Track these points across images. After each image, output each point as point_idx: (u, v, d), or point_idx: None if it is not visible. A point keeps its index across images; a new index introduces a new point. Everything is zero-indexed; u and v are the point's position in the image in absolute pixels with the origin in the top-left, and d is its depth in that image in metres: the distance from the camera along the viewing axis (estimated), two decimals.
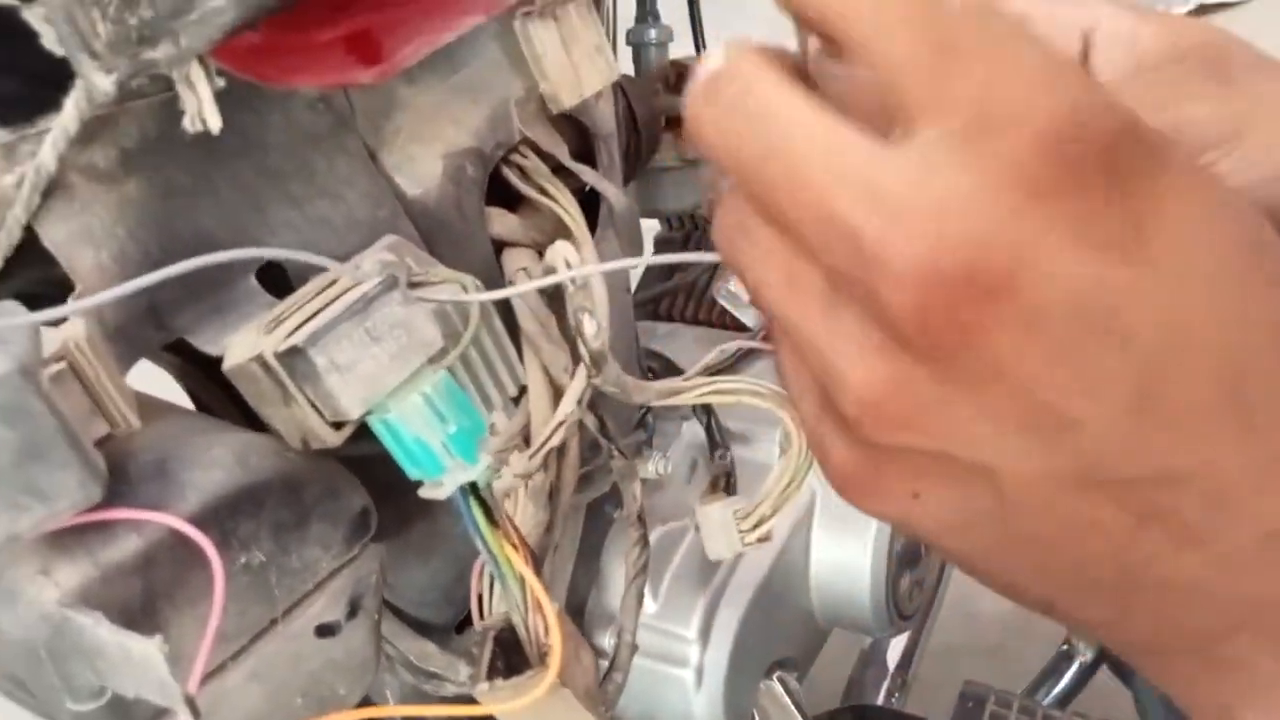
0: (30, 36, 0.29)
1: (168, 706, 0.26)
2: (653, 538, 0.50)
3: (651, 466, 0.57)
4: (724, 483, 0.53)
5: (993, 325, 0.19)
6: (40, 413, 0.24)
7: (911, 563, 0.65)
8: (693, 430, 0.62)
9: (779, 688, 0.59)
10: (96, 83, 0.27)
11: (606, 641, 0.56)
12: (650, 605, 0.55)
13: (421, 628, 0.45)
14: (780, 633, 0.59)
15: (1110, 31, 0.27)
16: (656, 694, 0.55)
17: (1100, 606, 0.23)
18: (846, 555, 0.59)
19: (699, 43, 0.64)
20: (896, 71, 0.19)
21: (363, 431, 0.32)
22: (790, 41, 0.24)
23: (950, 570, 0.81)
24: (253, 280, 0.34)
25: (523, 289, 0.36)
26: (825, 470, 0.24)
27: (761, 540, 0.44)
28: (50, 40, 0.29)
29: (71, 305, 0.27)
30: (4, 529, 0.25)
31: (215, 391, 0.40)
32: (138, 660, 0.25)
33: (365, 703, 0.39)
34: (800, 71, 0.23)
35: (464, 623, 0.47)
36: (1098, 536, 0.21)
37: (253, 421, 0.34)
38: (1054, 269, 0.19)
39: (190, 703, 0.25)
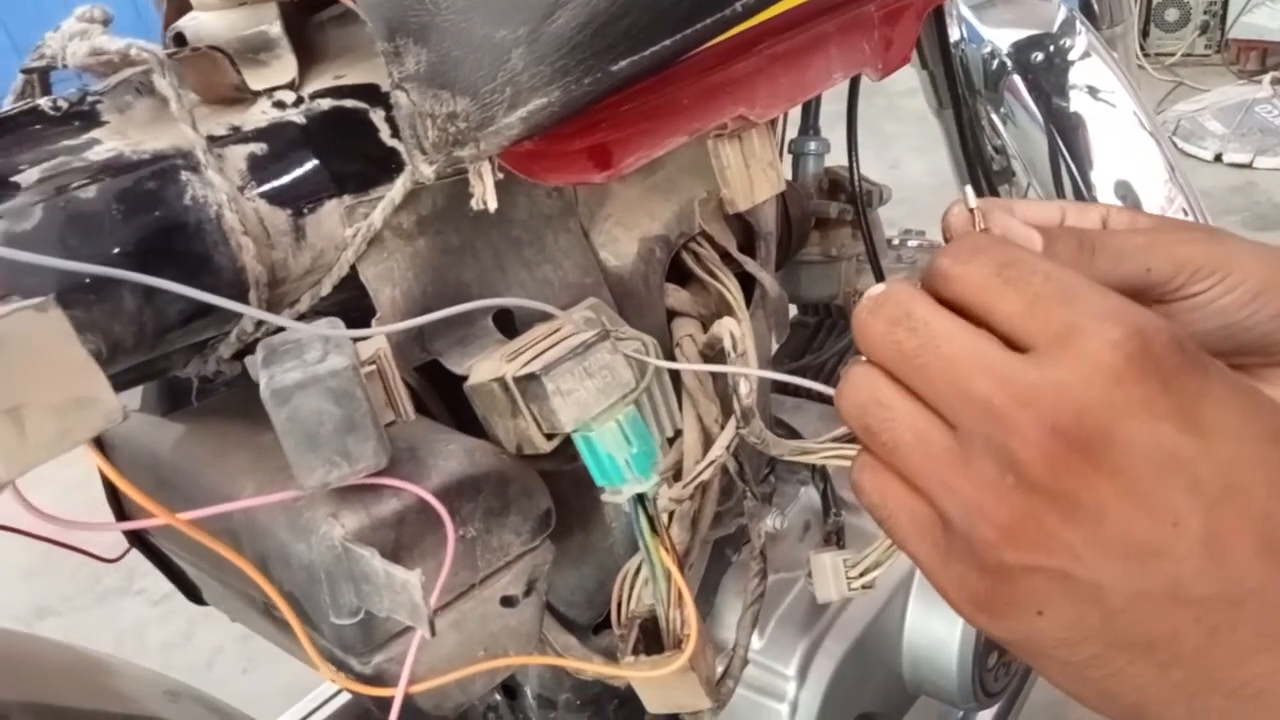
0: (373, 130, 0.40)
1: (412, 624, 0.35)
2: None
3: (771, 521, 0.65)
4: (834, 540, 0.60)
5: (1095, 471, 0.26)
6: (359, 398, 0.35)
7: (1000, 645, 0.70)
8: (809, 495, 0.69)
9: None
10: (422, 170, 0.38)
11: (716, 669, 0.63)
12: (755, 641, 0.62)
13: (567, 624, 0.54)
14: (870, 687, 0.65)
15: (1116, 220, 0.36)
16: None
17: (1181, 708, 0.27)
18: (938, 625, 0.65)
19: (853, 156, 0.73)
20: (1009, 318, 0.28)
21: (553, 451, 0.41)
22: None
23: None
24: (489, 321, 0.44)
25: (726, 370, 0.45)
26: (956, 601, 0.30)
27: (865, 588, 0.51)
28: (385, 135, 0.40)
29: (378, 329, 0.38)
30: (320, 479, 0.35)
31: (440, 404, 0.50)
32: (398, 587, 0.35)
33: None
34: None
35: (599, 626, 0.56)
36: (1179, 644, 0.27)
37: (466, 429, 0.43)
38: (1131, 431, 0.26)
39: (431, 622, 0.34)
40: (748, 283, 0.56)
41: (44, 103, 0.37)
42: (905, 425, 0.29)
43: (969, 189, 0.35)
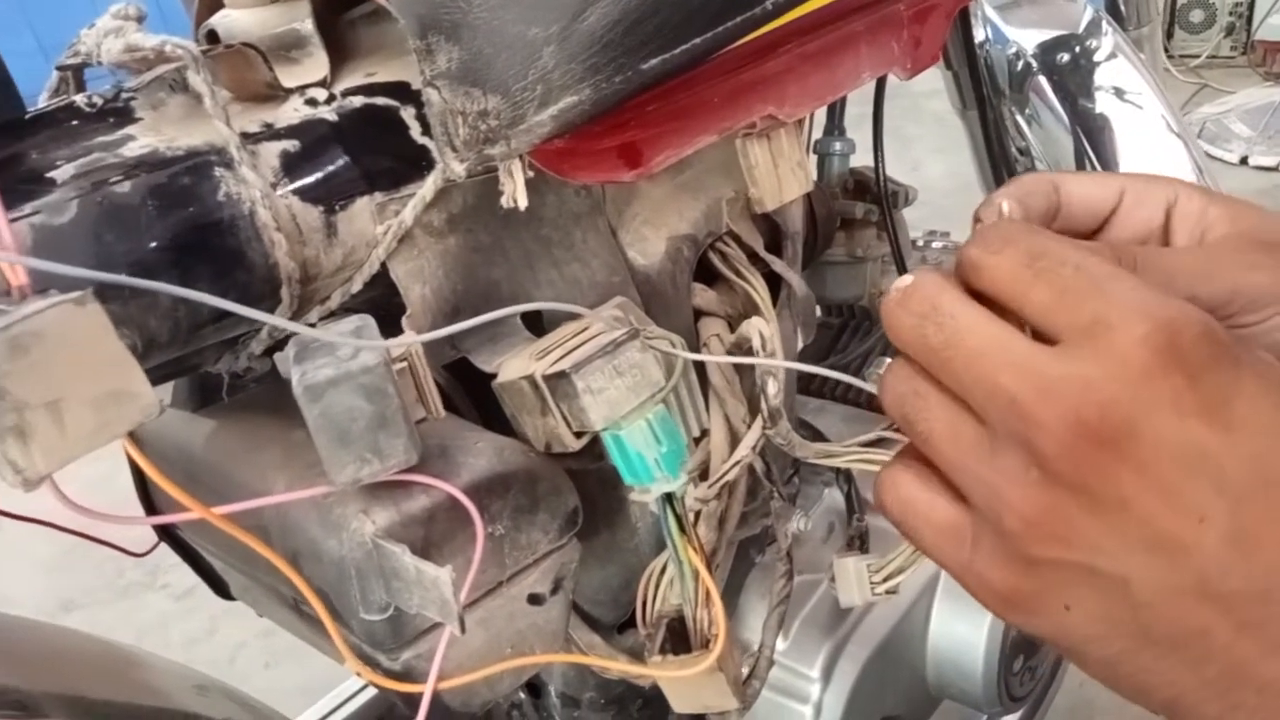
0: (404, 128, 0.40)
1: (442, 621, 0.35)
2: None
3: (795, 523, 0.64)
4: (858, 543, 0.60)
5: (1119, 465, 0.26)
6: (391, 394, 0.35)
7: (1026, 649, 0.69)
8: (833, 496, 0.69)
9: None
10: (453, 168, 0.38)
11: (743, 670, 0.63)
12: (780, 643, 0.62)
13: (592, 623, 0.54)
14: (894, 690, 0.65)
15: (1184, 207, 0.34)
16: None
17: (1214, 704, 0.27)
18: (963, 629, 0.65)
19: (879, 157, 0.73)
20: (1037, 310, 0.28)
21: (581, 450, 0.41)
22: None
23: (1065, 668, 0.84)
24: (518, 319, 0.44)
25: (756, 362, 0.45)
26: (984, 597, 0.29)
27: (889, 593, 0.51)
28: (417, 133, 0.40)
29: (413, 336, 0.38)
30: (352, 475, 0.35)
31: (468, 402, 0.50)
32: (428, 583, 0.35)
33: None
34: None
35: (624, 625, 0.56)
36: (1209, 640, 0.26)
37: (493, 427, 0.43)
38: (1157, 427, 0.26)
39: (461, 619, 0.34)
40: (774, 283, 0.56)
41: (79, 99, 0.37)
42: (938, 416, 0.29)
43: (1007, 208, 0.34)
